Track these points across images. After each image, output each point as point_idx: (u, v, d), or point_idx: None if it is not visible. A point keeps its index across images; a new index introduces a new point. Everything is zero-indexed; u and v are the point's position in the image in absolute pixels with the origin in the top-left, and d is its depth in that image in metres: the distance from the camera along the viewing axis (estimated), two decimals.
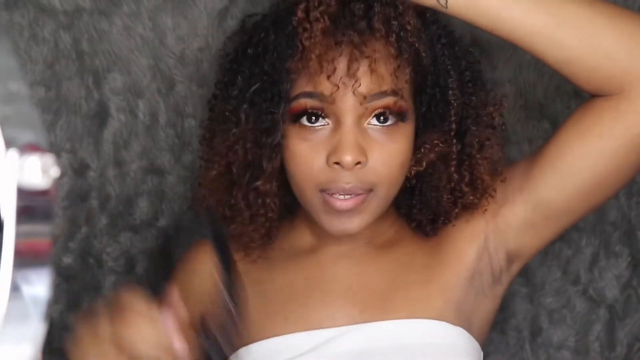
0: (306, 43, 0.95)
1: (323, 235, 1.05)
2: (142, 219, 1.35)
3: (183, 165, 1.35)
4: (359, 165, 0.96)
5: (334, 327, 1.02)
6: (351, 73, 0.95)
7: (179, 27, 1.30)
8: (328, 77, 0.95)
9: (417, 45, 0.98)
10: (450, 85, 1.01)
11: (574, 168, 0.98)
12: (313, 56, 0.95)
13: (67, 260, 1.31)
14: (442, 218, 1.06)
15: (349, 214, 0.99)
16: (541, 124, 1.33)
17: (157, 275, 0.90)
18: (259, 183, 1.01)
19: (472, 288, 1.04)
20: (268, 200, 1.02)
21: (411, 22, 0.97)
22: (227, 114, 1.02)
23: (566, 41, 0.95)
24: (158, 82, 1.32)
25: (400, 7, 0.97)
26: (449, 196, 1.04)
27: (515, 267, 1.07)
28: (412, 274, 1.04)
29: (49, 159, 0.46)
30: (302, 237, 1.09)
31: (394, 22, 0.96)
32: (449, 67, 1.01)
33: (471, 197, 1.04)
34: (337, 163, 0.96)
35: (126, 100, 1.31)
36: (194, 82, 1.33)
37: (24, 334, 0.46)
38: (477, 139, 1.03)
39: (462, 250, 1.05)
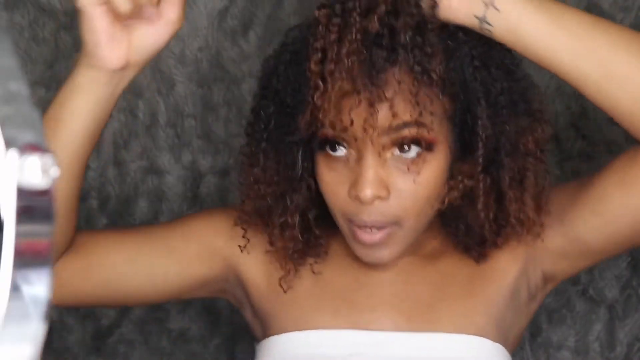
0: (318, 103, 0.91)
1: None
2: (142, 219, 1.35)
3: (183, 165, 1.35)
4: (379, 200, 0.93)
5: (381, 330, 1.01)
6: (370, 123, 0.90)
7: None
8: (345, 130, 0.92)
9: (441, 96, 0.91)
10: (479, 115, 0.94)
11: (613, 214, 0.97)
12: (328, 118, 0.92)
13: None
14: (488, 242, 1.02)
15: (377, 247, 0.97)
16: None
17: None
18: (284, 218, 1.00)
19: (511, 305, 1.03)
20: (295, 233, 1.01)
21: (437, 70, 0.90)
22: (252, 149, 1.00)
23: (610, 92, 0.92)
24: (158, 82, 1.32)
25: (429, 49, 0.90)
26: (492, 225, 1.00)
27: (550, 286, 1.07)
28: (455, 285, 1.03)
29: (49, 159, 0.45)
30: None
31: (418, 68, 0.89)
32: (480, 94, 0.94)
33: (515, 230, 1.00)
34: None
35: (126, 100, 1.31)
36: (194, 82, 1.33)
37: (24, 334, 0.46)
38: (511, 173, 0.97)
39: (504, 268, 1.03)
